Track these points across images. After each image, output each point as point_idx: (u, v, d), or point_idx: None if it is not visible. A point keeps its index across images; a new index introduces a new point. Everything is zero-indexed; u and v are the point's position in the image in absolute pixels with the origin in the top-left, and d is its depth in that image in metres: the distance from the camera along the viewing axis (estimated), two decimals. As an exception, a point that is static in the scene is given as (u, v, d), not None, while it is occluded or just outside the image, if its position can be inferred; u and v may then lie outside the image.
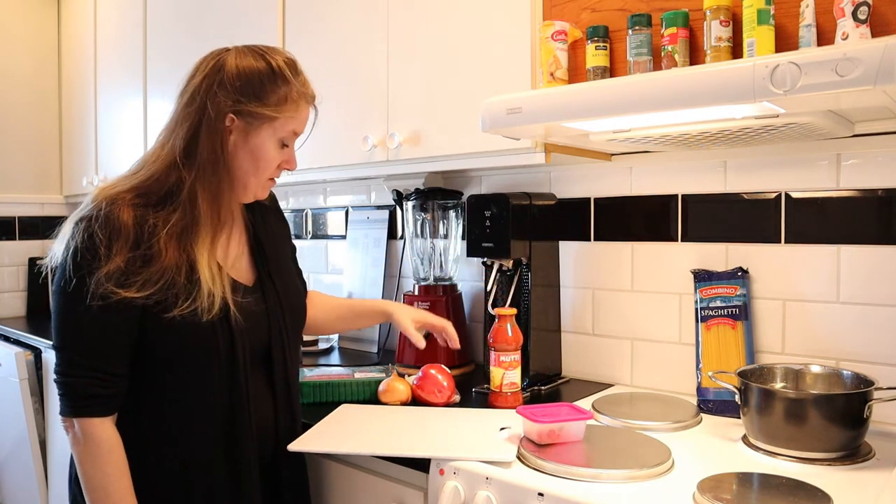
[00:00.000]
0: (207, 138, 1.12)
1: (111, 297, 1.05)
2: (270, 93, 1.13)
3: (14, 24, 3.17)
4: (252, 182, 1.19)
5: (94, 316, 1.06)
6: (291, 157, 1.22)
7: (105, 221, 1.07)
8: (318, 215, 2.47)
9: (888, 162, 1.32)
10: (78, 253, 1.06)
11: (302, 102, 1.18)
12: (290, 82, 1.15)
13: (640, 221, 1.65)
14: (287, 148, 1.20)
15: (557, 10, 1.45)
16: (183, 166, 1.12)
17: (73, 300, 1.06)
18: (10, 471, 2.72)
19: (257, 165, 1.17)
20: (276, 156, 1.18)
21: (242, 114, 1.13)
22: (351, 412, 1.42)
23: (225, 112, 1.12)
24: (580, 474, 1.06)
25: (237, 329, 1.15)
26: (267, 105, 1.13)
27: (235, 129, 1.14)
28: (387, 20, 1.75)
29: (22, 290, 3.22)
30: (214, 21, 2.26)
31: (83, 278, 1.06)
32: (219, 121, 1.12)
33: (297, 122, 1.18)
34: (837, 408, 1.13)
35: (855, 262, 1.36)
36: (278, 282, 1.26)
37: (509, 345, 1.47)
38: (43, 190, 3.28)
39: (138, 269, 1.07)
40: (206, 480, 1.14)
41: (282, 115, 1.14)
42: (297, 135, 1.20)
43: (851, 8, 1.03)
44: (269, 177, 1.21)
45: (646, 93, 1.08)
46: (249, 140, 1.14)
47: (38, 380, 2.55)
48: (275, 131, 1.16)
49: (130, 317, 1.09)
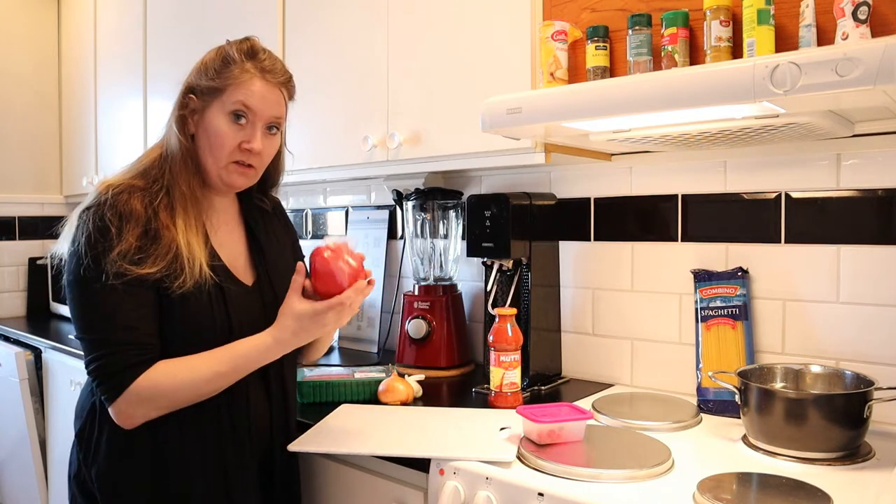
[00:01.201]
0: (174, 123, 1.20)
1: (126, 276, 1.08)
2: (221, 69, 1.18)
3: (14, 24, 3.17)
4: (211, 163, 1.19)
5: (114, 291, 1.08)
6: (251, 137, 1.18)
7: (114, 205, 1.11)
8: (318, 215, 2.47)
9: (888, 162, 1.32)
10: (91, 237, 1.09)
11: (249, 76, 1.17)
12: (238, 60, 1.18)
13: (640, 221, 1.65)
14: (244, 125, 1.18)
15: (557, 10, 1.45)
16: (167, 155, 1.19)
17: (91, 281, 1.08)
18: (10, 471, 2.72)
19: (211, 142, 1.18)
20: (228, 131, 1.17)
21: (195, 91, 1.19)
22: (351, 412, 1.42)
23: (184, 93, 1.20)
24: (580, 474, 1.06)
25: (237, 325, 1.16)
26: (214, 79, 1.17)
27: (196, 109, 1.19)
28: (387, 20, 1.75)
29: (22, 290, 3.22)
30: (214, 21, 2.26)
31: (98, 259, 1.08)
32: (182, 106, 1.20)
33: (244, 93, 1.17)
34: (837, 408, 1.13)
35: (855, 262, 1.36)
36: (277, 284, 1.27)
37: (509, 345, 1.47)
38: (43, 190, 3.28)
39: (148, 247, 1.11)
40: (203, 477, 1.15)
41: (226, 84, 1.17)
42: (249, 109, 1.17)
43: (851, 8, 1.03)
44: (230, 158, 1.18)
45: (646, 93, 1.08)
46: (204, 118, 1.18)
47: (38, 380, 2.55)
48: (223, 105, 1.17)
49: (149, 289, 1.11)
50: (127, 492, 1.14)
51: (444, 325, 1.80)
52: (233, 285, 1.20)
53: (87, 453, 1.16)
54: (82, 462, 1.17)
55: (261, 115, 1.18)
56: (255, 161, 1.20)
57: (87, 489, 1.17)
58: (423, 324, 1.80)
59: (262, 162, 1.22)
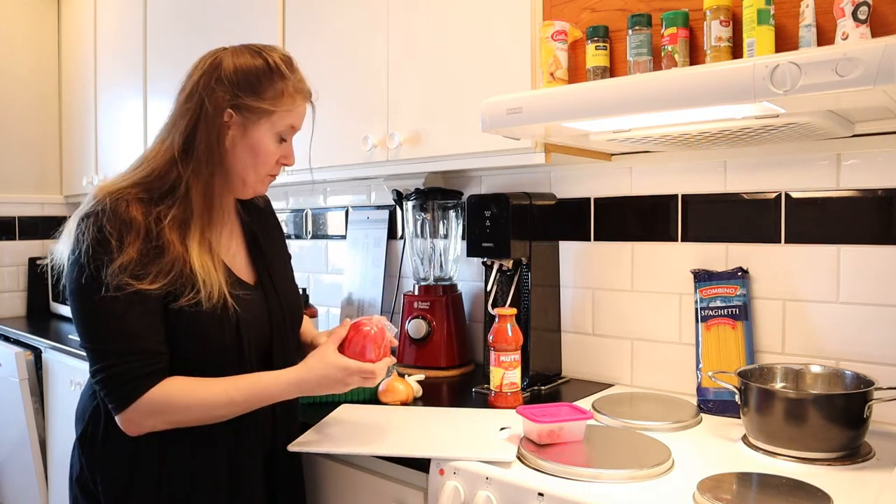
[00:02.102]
0: (205, 133, 1.13)
1: (127, 289, 1.06)
2: (268, 88, 1.15)
3: (14, 24, 3.17)
4: (251, 177, 1.19)
5: (118, 301, 1.06)
6: (289, 153, 1.22)
7: (113, 216, 1.08)
8: (318, 215, 2.47)
9: (888, 162, 1.32)
10: (90, 248, 1.07)
11: (298, 98, 1.19)
12: (287, 77, 1.17)
13: (640, 221, 1.65)
14: (285, 143, 1.21)
15: (557, 10, 1.45)
16: (181, 162, 1.13)
17: (94, 291, 1.06)
18: (10, 471, 2.72)
19: (256, 160, 1.18)
20: (274, 150, 1.19)
21: (240, 108, 1.14)
22: (351, 412, 1.42)
23: (223, 108, 1.13)
24: (580, 474, 1.06)
25: (244, 325, 1.16)
26: (264, 100, 1.15)
27: (234, 124, 1.15)
28: (387, 20, 1.75)
29: (22, 290, 3.22)
30: (214, 21, 2.26)
31: (99, 270, 1.06)
32: (217, 116, 1.13)
33: (295, 116, 1.19)
34: (837, 408, 1.13)
35: (855, 262, 1.36)
36: (277, 281, 1.27)
37: (509, 345, 1.47)
38: (43, 190, 3.28)
39: (151, 261, 1.08)
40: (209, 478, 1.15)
41: (279, 109, 1.16)
42: (294, 129, 1.21)
43: (851, 8, 1.03)
44: (267, 172, 1.21)
45: (646, 93, 1.08)
46: (248, 135, 1.16)
47: (38, 380, 2.55)
48: (272, 126, 1.17)
49: (152, 300, 1.09)
50: (133, 494, 1.13)
51: (444, 325, 1.80)
52: (239, 290, 1.18)
53: (91, 457, 1.16)
54: (86, 465, 1.17)
55: (297, 130, 1.22)
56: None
57: (89, 491, 1.16)
58: (423, 324, 1.80)
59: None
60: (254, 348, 1.18)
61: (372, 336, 1.19)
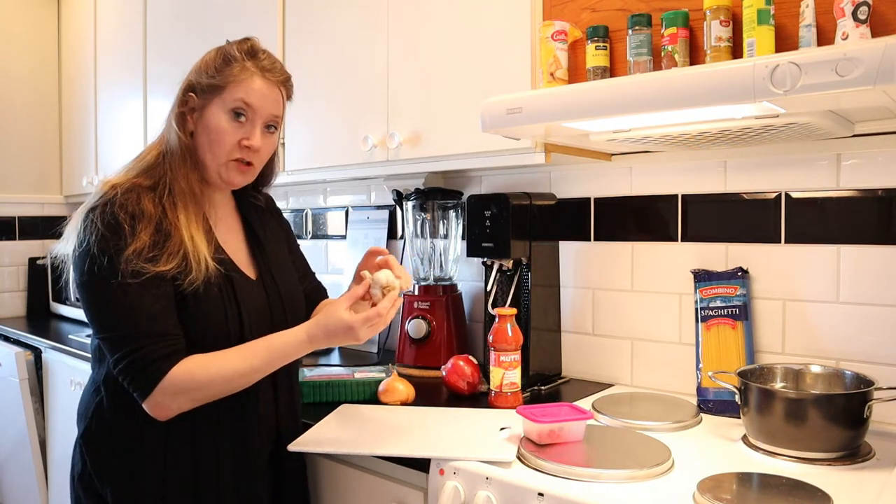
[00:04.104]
0: (174, 120, 1.20)
1: (143, 274, 1.08)
2: (222, 68, 1.19)
3: (14, 24, 3.17)
4: (210, 160, 1.19)
5: (132, 287, 1.07)
6: (251, 134, 1.19)
7: (124, 205, 1.11)
8: (318, 215, 2.47)
9: (888, 162, 1.32)
10: (103, 236, 1.08)
11: (250, 74, 1.18)
12: (237, 58, 1.19)
13: (640, 221, 1.65)
14: (243, 123, 1.19)
15: (557, 10, 1.45)
16: (164, 155, 1.19)
17: (107, 279, 1.07)
18: (10, 471, 2.72)
19: (211, 139, 1.18)
20: (228, 128, 1.18)
21: (195, 90, 1.19)
22: (351, 412, 1.42)
23: (184, 91, 1.20)
24: (580, 474, 1.06)
25: (245, 308, 1.18)
26: (214, 77, 1.18)
27: (196, 107, 1.19)
28: (387, 20, 1.75)
29: (22, 290, 3.21)
30: (214, 21, 2.26)
31: (112, 258, 1.07)
32: (181, 104, 1.20)
33: (246, 90, 1.18)
34: (837, 408, 1.13)
35: (855, 262, 1.36)
36: (278, 278, 1.29)
37: (509, 345, 1.47)
38: (43, 190, 3.28)
39: (161, 245, 1.11)
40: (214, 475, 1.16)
41: (226, 82, 1.17)
42: (248, 105, 1.18)
43: (851, 8, 1.03)
44: (229, 155, 1.19)
45: (646, 93, 1.08)
46: (203, 116, 1.19)
47: (38, 380, 2.55)
48: (223, 102, 1.18)
49: (165, 283, 1.11)
50: (138, 491, 1.14)
51: (444, 325, 1.80)
52: (240, 276, 1.21)
53: (95, 454, 1.16)
54: (89, 462, 1.17)
55: (260, 112, 1.19)
56: (253, 159, 1.21)
57: (92, 489, 1.17)
58: (423, 324, 1.80)
59: (260, 160, 1.24)
60: (256, 336, 1.18)
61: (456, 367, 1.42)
